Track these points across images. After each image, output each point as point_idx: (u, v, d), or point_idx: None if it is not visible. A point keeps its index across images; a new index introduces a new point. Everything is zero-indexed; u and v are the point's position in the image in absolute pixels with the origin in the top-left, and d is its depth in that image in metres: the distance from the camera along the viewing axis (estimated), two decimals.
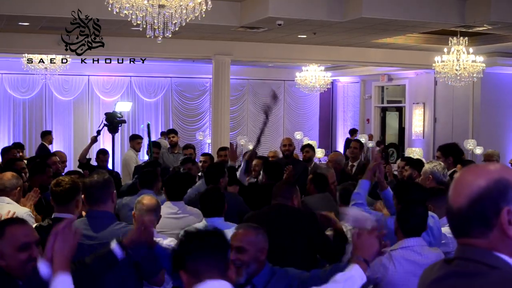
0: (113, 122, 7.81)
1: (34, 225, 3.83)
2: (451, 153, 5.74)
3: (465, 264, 1.44)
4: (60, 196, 3.63)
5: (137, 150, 9.31)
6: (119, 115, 7.96)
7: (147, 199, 4.11)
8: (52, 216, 3.74)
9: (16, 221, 2.84)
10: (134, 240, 2.85)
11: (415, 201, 3.86)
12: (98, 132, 7.92)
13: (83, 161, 7.58)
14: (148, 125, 8.29)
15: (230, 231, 4.17)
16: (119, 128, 8.06)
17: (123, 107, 14.57)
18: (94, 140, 7.95)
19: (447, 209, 1.53)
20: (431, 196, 4.18)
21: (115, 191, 3.47)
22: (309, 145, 8.50)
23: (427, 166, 5.30)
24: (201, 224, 4.36)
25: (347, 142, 15.07)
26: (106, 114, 7.97)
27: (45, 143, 11.19)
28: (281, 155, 8.07)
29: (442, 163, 5.41)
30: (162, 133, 14.90)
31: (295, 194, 4.36)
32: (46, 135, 11.64)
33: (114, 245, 2.83)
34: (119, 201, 5.23)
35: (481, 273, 1.40)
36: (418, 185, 4.45)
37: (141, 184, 5.36)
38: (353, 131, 16.17)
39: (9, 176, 4.57)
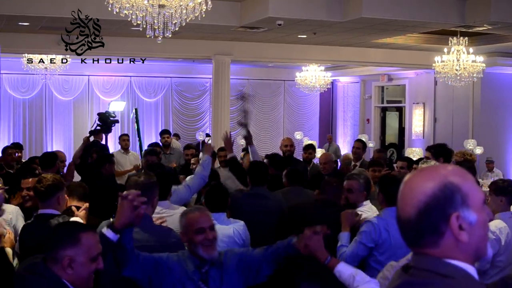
0: (106, 122, 7.74)
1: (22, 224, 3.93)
2: (442, 153, 5.77)
3: (419, 273, 1.43)
4: (41, 193, 3.81)
5: (122, 147, 9.28)
6: (112, 115, 7.90)
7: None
8: (37, 213, 3.84)
9: (88, 227, 2.63)
10: (126, 223, 2.62)
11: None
12: (91, 133, 7.85)
13: (77, 162, 7.54)
14: (136, 110, 8.11)
15: (229, 227, 4.22)
16: (112, 128, 7.99)
17: (117, 106, 14.58)
18: (87, 141, 7.88)
19: (396, 218, 1.50)
20: None
21: (157, 197, 3.50)
22: (312, 146, 8.47)
23: (422, 166, 5.36)
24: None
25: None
26: (99, 114, 7.90)
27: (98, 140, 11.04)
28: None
29: (433, 161, 5.47)
30: (174, 135, 14.89)
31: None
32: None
33: (105, 230, 2.65)
34: None
35: (433, 282, 1.40)
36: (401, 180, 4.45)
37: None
38: None
39: None
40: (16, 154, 8.25)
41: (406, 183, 1.49)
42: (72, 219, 3.75)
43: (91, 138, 7.70)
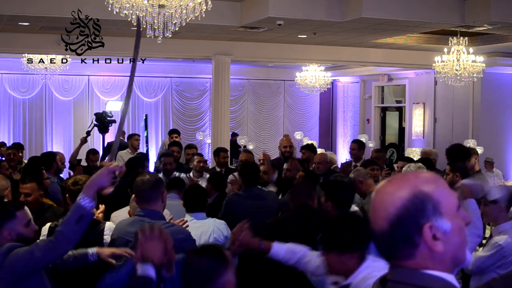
0: (103, 122, 7.74)
1: (48, 224, 3.88)
2: (453, 156, 5.90)
3: (396, 287, 1.40)
4: (77, 195, 3.68)
5: (135, 147, 9.21)
6: (109, 115, 7.89)
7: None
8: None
9: None
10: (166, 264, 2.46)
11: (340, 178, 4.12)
12: (88, 133, 7.85)
13: (74, 162, 7.56)
14: (146, 117, 8.04)
15: (209, 225, 4.25)
16: (109, 128, 7.99)
17: (114, 106, 14.56)
18: (84, 141, 7.87)
19: (370, 230, 1.47)
20: None
21: (165, 192, 3.58)
22: (307, 146, 8.46)
23: (403, 169, 5.53)
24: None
25: None
26: (96, 114, 7.91)
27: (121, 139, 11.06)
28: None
29: (419, 164, 5.58)
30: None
31: (315, 193, 4.45)
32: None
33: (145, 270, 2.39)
34: None
35: None
36: (348, 184, 4.30)
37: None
38: None
39: None
40: (20, 154, 8.22)
41: (377, 193, 1.45)
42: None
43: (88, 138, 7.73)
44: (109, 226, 3.81)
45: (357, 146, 8.17)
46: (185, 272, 2.22)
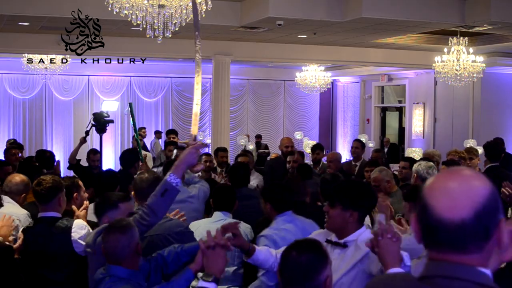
0: (100, 122, 7.75)
1: (21, 228, 3.85)
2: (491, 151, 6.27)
3: (449, 283, 1.35)
4: (41, 195, 3.70)
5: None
6: (105, 115, 7.90)
7: None
8: (38, 216, 3.75)
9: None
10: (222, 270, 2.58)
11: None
12: (87, 133, 7.86)
13: (73, 162, 7.56)
14: (130, 105, 7.91)
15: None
16: (107, 127, 8.00)
17: (110, 106, 14.56)
18: (83, 141, 7.89)
19: (433, 218, 1.36)
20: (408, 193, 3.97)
21: None
22: (319, 147, 8.35)
23: (414, 167, 5.58)
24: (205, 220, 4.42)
25: None
26: (94, 114, 7.94)
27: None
28: None
29: (430, 163, 5.57)
30: (156, 132, 14.90)
31: (306, 189, 4.56)
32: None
33: (201, 283, 2.43)
34: None
35: None
36: (285, 186, 4.17)
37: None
38: None
39: (18, 180, 4.47)
40: (20, 155, 8.23)
41: (448, 187, 1.38)
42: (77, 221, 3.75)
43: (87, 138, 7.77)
44: (78, 224, 3.65)
45: (360, 145, 8.17)
46: (284, 268, 2.20)
